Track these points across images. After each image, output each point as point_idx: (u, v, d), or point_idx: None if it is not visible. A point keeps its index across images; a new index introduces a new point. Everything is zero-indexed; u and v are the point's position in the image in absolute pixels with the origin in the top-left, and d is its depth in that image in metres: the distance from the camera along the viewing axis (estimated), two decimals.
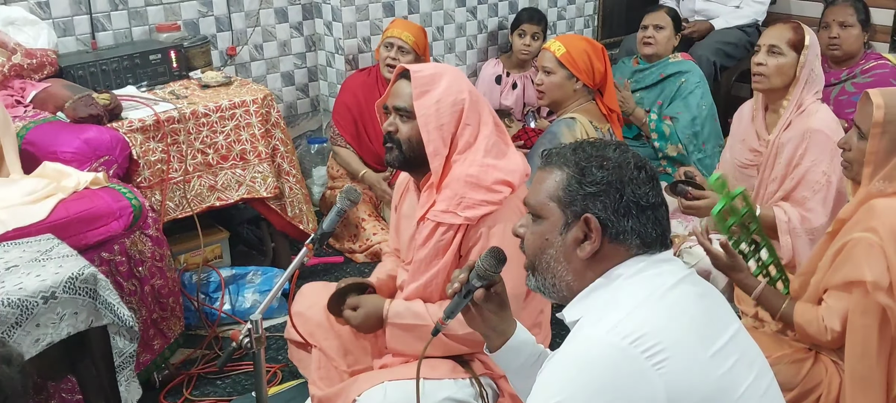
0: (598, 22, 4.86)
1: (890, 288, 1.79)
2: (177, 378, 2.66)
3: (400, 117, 2.05)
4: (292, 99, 4.03)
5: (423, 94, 2.00)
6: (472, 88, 2.09)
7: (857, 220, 1.90)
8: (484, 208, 1.97)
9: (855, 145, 1.96)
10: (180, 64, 3.24)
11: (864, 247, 1.83)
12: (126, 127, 2.74)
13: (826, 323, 1.92)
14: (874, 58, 3.54)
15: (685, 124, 3.57)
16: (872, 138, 1.88)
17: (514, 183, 2.01)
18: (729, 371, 1.31)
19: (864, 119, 1.91)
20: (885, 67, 3.46)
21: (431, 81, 2.01)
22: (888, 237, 1.80)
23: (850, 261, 1.86)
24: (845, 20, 3.47)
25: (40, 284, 1.87)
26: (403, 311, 2.07)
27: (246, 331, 1.78)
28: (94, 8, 3.28)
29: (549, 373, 1.33)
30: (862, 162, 1.92)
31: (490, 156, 2.01)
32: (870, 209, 1.87)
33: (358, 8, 3.80)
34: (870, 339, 1.82)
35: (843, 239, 1.90)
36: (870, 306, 1.81)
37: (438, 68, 2.07)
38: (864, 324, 1.82)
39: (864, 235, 1.84)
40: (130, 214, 2.42)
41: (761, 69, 2.57)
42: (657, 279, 1.35)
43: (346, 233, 3.57)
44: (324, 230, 1.96)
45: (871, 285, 1.80)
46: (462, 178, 1.98)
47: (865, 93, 1.93)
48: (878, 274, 1.80)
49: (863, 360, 1.83)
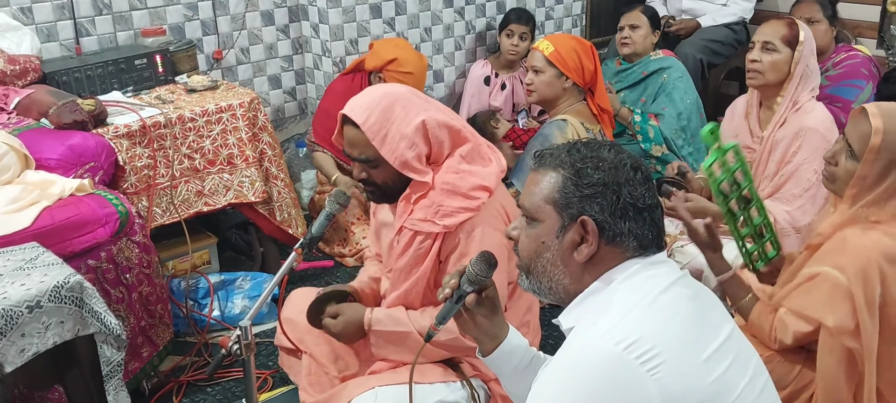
0: (586, 21, 4.86)
1: (856, 330, 1.78)
2: (166, 385, 2.63)
3: (368, 165, 1.96)
4: (280, 102, 4.01)
5: (384, 138, 1.90)
6: (416, 93, 2.00)
7: (828, 249, 1.87)
8: (462, 215, 1.94)
9: (842, 163, 1.87)
10: (166, 68, 3.21)
11: (830, 287, 1.81)
12: (112, 132, 2.71)
13: (777, 335, 1.92)
14: (845, 50, 3.59)
15: (672, 119, 3.60)
16: (864, 163, 1.80)
17: (492, 186, 1.97)
18: (724, 374, 1.30)
19: (859, 139, 1.82)
20: (856, 58, 3.51)
21: (385, 119, 1.90)
22: (855, 278, 1.77)
23: (814, 297, 1.84)
24: (812, 16, 3.52)
25: (25, 293, 1.84)
26: (384, 319, 2.05)
27: (235, 338, 1.76)
28: (78, 13, 3.25)
29: (544, 381, 1.32)
30: (847, 181, 1.85)
31: (466, 162, 1.98)
32: (842, 241, 1.83)
33: (345, 10, 3.78)
34: (838, 377, 1.82)
35: (813, 268, 1.87)
36: (835, 346, 1.81)
37: (381, 99, 1.92)
38: (830, 363, 1.82)
39: (832, 273, 1.80)
40: (117, 221, 2.40)
41: (756, 65, 2.56)
42: (650, 282, 1.34)
43: (336, 238, 3.55)
44: (313, 234, 1.94)
45: (834, 330, 1.80)
46: (438, 186, 1.95)
47: (863, 109, 1.84)
48: (840, 319, 1.79)
49: (834, 393, 1.83)
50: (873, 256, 1.77)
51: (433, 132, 1.93)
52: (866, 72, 3.48)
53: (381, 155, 1.91)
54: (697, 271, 2.48)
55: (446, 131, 1.96)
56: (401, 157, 1.91)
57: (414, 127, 1.91)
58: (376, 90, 1.98)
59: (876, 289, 1.77)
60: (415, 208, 1.97)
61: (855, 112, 1.87)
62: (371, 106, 1.92)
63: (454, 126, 1.97)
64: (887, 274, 1.78)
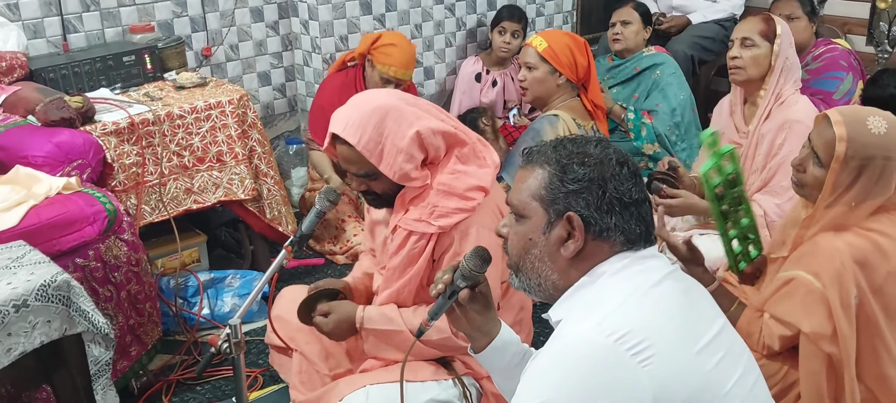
0: (577, 18, 4.86)
1: (834, 335, 1.79)
2: (155, 384, 2.61)
3: (367, 179, 1.97)
4: (269, 99, 3.99)
5: (381, 155, 1.90)
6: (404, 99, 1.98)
7: (802, 253, 1.88)
8: (457, 216, 1.94)
9: (810, 170, 1.88)
10: (154, 65, 3.19)
11: (804, 293, 1.82)
12: (99, 130, 2.69)
13: (765, 341, 1.94)
14: (823, 44, 3.64)
15: (666, 116, 3.61)
16: (832, 171, 1.81)
17: (487, 186, 1.97)
18: (715, 368, 1.30)
19: (823, 147, 1.83)
20: (835, 50, 3.57)
21: (379, 135, 1.89)
22: (830, 283, 1.78)
23: (790, 303, 1.86)
24: (792, 13, 3.58)
25: (11, 292, 1.82)
26: (376, 317, 2.04)
27: (224, 336, 1.75)
28: (66, 9, 3.22)
29: (534, 373, 1.31)
30: (816, 187, 1.87)
31: (461, 163, 1.98)
32: (814, 245, 1.84)
33: (334, 6, 3.76)
34: (820, 382, 1.83)
35: (789, 271, 1.88)
36: (815, 352, 1.82)
37: (371, 115, 1.89)
38: (811, 370, 1.84)
39: (806, 278, 1.82)
40: (105, 219, 2.38)
41: (737, 62, 2.60)
42: (641, 275, 1.34)
43: (327, 235, 3.54)
44: (302, 232, 1.93)
45: (811, 336, 1.81)
46: (434, 187, 1.95)
47: (825, 116, 1.85)
48: (816, 325, 1.80)
49: (817, 397, 1.84)
50: (846, 259, 1.78)
51: (429, 141, 1.93)
52: (845, 64, 3.54)
53: (379, 170, 1.91)
54: None
55: (441, 137, 1.96)
56: (399, 171, 1.91)
57: (409, 139, 1.90)
58: (364, 104, 1.93)
59: (851, 292, 1.78)
60: (410, 207, 1.97)
61: (818, 118, 1.89)
62: (363, 123, 1.89)
63: (448, 130, 1.97)
64: (860, 275, 1.79)
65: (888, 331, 1.83)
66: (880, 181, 1.79)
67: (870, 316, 1.81)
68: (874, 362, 1.85)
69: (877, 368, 1.85)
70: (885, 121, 1.79)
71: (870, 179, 1.79)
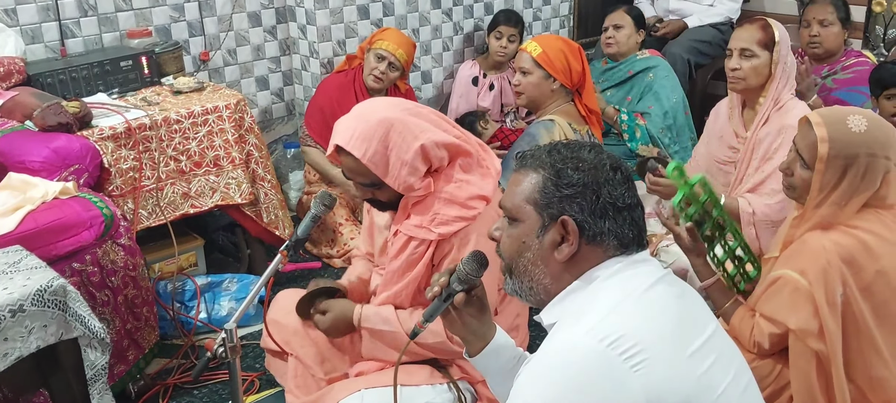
0: (574, 22, 4.87)
1: (820, 331, 1.81)
2: (152, 388, 2.62)
3: (371, 188, 1.98)
4: (267, 103, 4.00)
5: (386, 168, 1.91)
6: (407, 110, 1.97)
7: (790, 252, 1.91)
8: (458, 224, 1.95)
9: (798, 172, 1.92)
10: (152, 70, 3.20)
11: (791, 290, 1.85)
12: (97, 135, 2.69)
13: (756, 339, 1.95)
14: (854, 55, 3.60)
15: (658, 118, 3.62)
16: (817, 173, 1.85)
17: (489, 195, 1.98)
18: (707, 372, 1.30)
19: (807, 149, 1.88)
20: (865, 65, 3.51)
21: (384, 149, 1.89)
22: (816, 280, 1.80)
23: (778, 300, 1.88)
24: (825, 19, 3.53)
25: (7, 297, 1.83)
26: (373, 316, 2.06)
27: (220, 340, 1.75)
28: (64, 14, 3.23)
29: (527, 377, 1.32)
30: (805, 189, 1.90)
31: (464, 172, 1.99)
32: (802, 243, 1.87)
33: (332, 11, 3.77)
34: (810, 380, 1.85)
35: (777, 271, 1.91)
36: (804, 350, 1.84)
37: (376, 128, 1.89)
38: (801, 368, 1.85)
39: (793, 276, 1.84)
40: (102, 223, 2.38)
41: (737, 73, 2.58)
42: (634, 280, 1.35)
43: (324, 238, 3.55)
44: (298, 236, 1.93)
45: (798, 333, 1.83)
46: (437, 194, 1.96)
47: (806, 120, 1.89)
48: (802, 322, 1.82)
49: (808, 395, 1.86)
50: (833, 257, 1.81)
51: (433, 153, 1.94)
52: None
53: (385, 181, 1.93)
54: (682, 270, 2.49)
55: (444, 149, 1.97)
56: (404, 183, 1.92)
57: (413, 152, 1.91)
58: (369, 115, 1.93)
59: (837, 290, 1.80)
60: (412, 213, 1.98)
61: (801, 121, 1.92)
62: (367, 136, 1.89)
63: (452, 142, 1.98)
64: (847, 273, 1.81)
65: (878, 333, 1.84)
66: (866, 177, 1.83)
67: (858, 316, 1.83)
68: (864, 364, 1.86)
69: (867, 370, 1.86)
70: (864, 119, 1.83)
71: (855, 176, 1.83)
